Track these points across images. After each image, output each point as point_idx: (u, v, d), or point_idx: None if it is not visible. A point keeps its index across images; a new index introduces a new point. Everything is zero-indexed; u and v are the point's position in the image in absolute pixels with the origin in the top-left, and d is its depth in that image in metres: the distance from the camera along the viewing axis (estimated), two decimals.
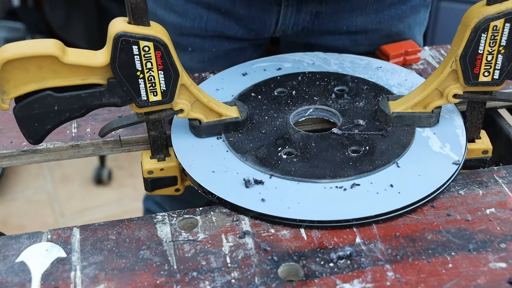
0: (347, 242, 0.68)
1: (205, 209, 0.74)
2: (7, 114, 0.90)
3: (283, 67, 0.97)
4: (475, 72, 0.75)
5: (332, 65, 0.97)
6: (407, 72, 0.95)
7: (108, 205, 2.24)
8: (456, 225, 0.70)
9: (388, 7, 1.02)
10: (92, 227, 0.72)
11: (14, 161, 0.84)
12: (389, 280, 0.64)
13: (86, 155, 0.86)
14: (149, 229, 0.71)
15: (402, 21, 1.04)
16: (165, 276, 0.65)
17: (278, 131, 0.82)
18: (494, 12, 0.71)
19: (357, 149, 0.79)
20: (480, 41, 0.73)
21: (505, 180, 0.77)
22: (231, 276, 0.65)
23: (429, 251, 0.67)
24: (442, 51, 1.04)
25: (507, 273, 0.64)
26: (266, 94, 0.90)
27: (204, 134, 0.82)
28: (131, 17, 0.69)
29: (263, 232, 0.70)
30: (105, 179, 2.32)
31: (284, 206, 0.71)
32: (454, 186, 0.76)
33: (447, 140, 0.80)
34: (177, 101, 0.76)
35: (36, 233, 0.71)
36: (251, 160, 0.78)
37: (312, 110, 0.88)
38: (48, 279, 0.65)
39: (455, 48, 0.75)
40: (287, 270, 0.66)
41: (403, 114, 0.81)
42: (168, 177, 0.83)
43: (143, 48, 0.69)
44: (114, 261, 0.67)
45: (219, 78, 0.95)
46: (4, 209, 2.22)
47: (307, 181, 0.74)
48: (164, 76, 0.73)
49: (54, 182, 2.35)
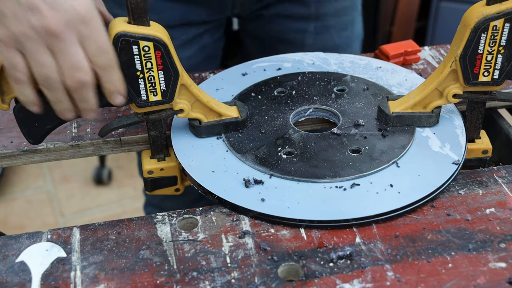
0: (347, 242, 0.69)
1: (205, 209, 0.74)
2: (7, 114, 0.90)
3: (283, 67, 0.97)
4: (475, 72, 0.75)
5: (332, 65, 0.97)
6: (407, 72, 0.95)
7: (108, 205, 2.24)
8: (456, 225, 0.70)
9: None
10: (92, 227, 0.72)
11: (14, 161, 0.84)
12: (389, 280, 0.64)
13: (86, 155, 0.86)
14: (149, 229, 0.71)
15: None
16: (165, 276, 0.65)
17: (278, 131, 0.83)
18: (494, 12, 0.71)
19: (357, 149, 0.79)
20: (480, 41, 0.73)
21: (505, 180, 0.77)
22: (231, 276, 0.65)
23: (429, 251, 0.67)
24: (442, 51, 1.04)
25: (507, 273, 0.64)
26: (266, 94, 0.90)
27: (204, 134, 0.82)
28: (131, 17, 0.69)
29: (263, 232, 0.70)
30: (105, 179, 2.32)
31: (284, 206, 0.71)
32: (454, 186, 0.76)
33: (447, 140, 0.80)
34: (177, 101, 0.76)
35: (36, 233, 0.71)
36: (251, 160, 0.78)
37: (312, 110, 0.88)
38: (48, 279, 0.65)
39: (455, 48, 0.75)
40: (287, 270, 0.66)
41: (403, 114, 0.81)
42: (168, 177, 0.83)
43: (143, 48, 0.69)
44: (114, 261, 0.67)
45: (219, 78, 0.95)
46: (4, 209, 2.22)
47: (307, 181, 0.75)
48: (164, 76, 0.73)
49: (54, 182, 2.35)
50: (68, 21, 0.61)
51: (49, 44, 0.62)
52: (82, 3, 0.62)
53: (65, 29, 0.61)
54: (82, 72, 0.64)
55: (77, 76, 0.64)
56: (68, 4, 0.61)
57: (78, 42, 0.63)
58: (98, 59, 0.64)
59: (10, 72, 0.65)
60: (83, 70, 0.64)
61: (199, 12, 1.08)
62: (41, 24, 0.61)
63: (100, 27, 0.64)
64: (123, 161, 2.42)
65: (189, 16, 1.08)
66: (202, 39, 1.12)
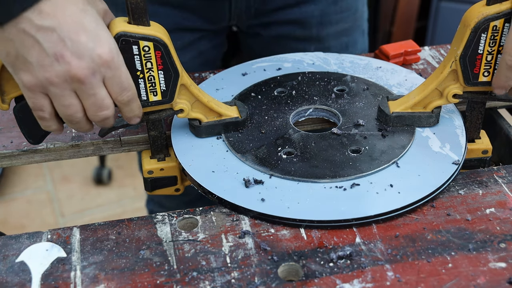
0: (347, 242, 0.69)
1: (205, 209, 0.74)
2: (7, 114, 0.90)
3: (283, 67, 0.97)
4: (475, 72, 0.75)
5: (332, 65, 0.97)
6: (407, 72, 0.95)
7: (108, 205, 2.24)
8: (456, 225, 0.70)
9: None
10: (92, 227, 0.72)
11: (14, 161, 0.84)
12: (389, 280, 0.64)
13: (86, 155, 0.86)
14: (149, 229, 0.71)
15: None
16: (165, 276, 0.65)
17: (278, 131, 0.82)
18: (494, 12, 0.71)
19: (357, 149, 0.79)
20: (480, 41, 0.73)
21: (505, 180, 0.77)
22: (231, 276, 0.65)
23: (429, 251, 0.67)
24: (442, 51, 1.04)
25: (507, 273, 0.64)
26: (266, 94, 0.90)
27: (204, 134, 0.82)
28: (131, 17, 0.69)
29: (263, 232, 0.70)
30: (105, 179, 2.32)
31: (284, 206, 0.71)
32: (454, 186, 0.76)
33: (447, 140, 0.80)
34: (177, 101, 0.76)
35: (36, 233, 0.71)
36: (251, 160, 0.78)
37: (312, 110, 0.88)
38: (48, 279, 0.65)
39: (455, 48, 0.75)
40: (287, 270, 0.66)
41: (403, 114, 0.81)
42: (168, 177, 0.83)
43: (143, 48, 0.69)
44: (114, 261, 0.67)
45: (219, 78, 0.95)
46: (4, 209, 2.22)
47: (307, 181, 0.75)
48: (164, 76, 0.73)
49: (54, 182, 2.35)
50: (93, 67, 0.63)
51: (74, 88, 0.64)
52: (105, 49, 0.63)
53: (90, 75, 0.63)
54: (106, 111, 0.67)
55: (101, 114, 0.67)
56: (92, 51, 0.62)
57: (102, 84, 0.65)
58: (121, 97, 0.67)
59: (35, 112, 0.67)
60: (107, 109, 0.67)
61: (194, 19, 1.07)
62: (67, 72, 0.62)
63: (122, 67, 0.66)
64: (123, 161, 2.42)
65: (184, 22, 1.07)
66: (199, 45, 1.11)
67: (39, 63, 0.62)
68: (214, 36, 1.13)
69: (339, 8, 1.11)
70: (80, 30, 0.62)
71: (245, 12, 1.08)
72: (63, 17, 0.61)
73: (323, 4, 1.09)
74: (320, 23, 1.11)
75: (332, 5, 1.10)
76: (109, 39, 0.64)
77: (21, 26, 0.60)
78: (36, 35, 0.61)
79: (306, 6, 1.09)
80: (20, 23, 0.60)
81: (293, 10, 1.09)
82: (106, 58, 0.63)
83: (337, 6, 1.10)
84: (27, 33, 0.61)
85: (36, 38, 0.61)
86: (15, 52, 0.62)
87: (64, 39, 0.61)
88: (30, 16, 0.60)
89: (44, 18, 0.60)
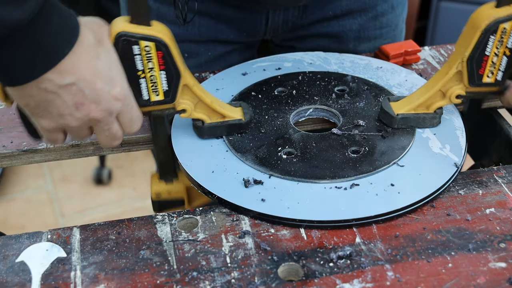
0: (347, 242, 0.69)
1: (205, 209, 0.74)
2: (8, 114, 0.90)
3: (283, 66, 0.97)
4: (479, 73, 0.75)
5: (332, 65, 0.97)
6: (407, 72, 0.95)
7: (108, 205, 2.24)
8: (456, 225, 0.70)
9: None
10: (92, 227, 0.72)
11: (14, 161, 0.84)
12: (389, 280, 0.64)
13: (86, 155, 0.86)
14: (149, 229, 0.71)
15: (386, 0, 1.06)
16: (165, 276, 0.65)
17: (278, 131, 0.82)
18: (504, 14, 0.71)
19: (357, 150, 0.79)
20: (488, 43, 0.73)
21: (505, 180, 0.77)
22: (231, 276, 0.65)
23: (428, 251, 0.67)
24: (442, 51, 1.04)
25: (506, 273, 0.64)
26: (266, 94, 0.90)
27: (206, 135, 0.81)
28: (132, 16, 0.69)
29: (263, 232, 0.70)
30: (105, 179, 2.32)
31: (284, 206, 0.71)
32: (454, 186, 0.76)
33: (447, 141, 0.80)
34: (179, 101, 0.76)
35: (36, 233, 0.71)
36: (251, 160, 0.78)
37: (312, 110, 0.88)
38: (48, 279, 0.65)
39: (461, 50, 0.75)
40: (287, 270, 0.66)
41: (408, 115, 0.81)
42: (175, 200, 0.83)
43: (144, 48, 0.69)
44: (114, 261, 0.67)
45: (219, 78, 0.95)
46: (4, 209, 2.22)
47: (307, 181, 0.74)
48: (166, 76, 0.73)
49: (54, 182, 2.35)
50: (109, 108, 0.67)
51: (90, 125, 0.69)
52: (119, 91, 0.67)
53: (108, 115, 0.67)
54: (118, 140, 0.72)
55: (113, 143, 0.72)
56: (108, 94, 0.66)
57: (116, 119, 0.69)
58: (130, 128, 0.72)
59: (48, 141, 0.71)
60: (119, 139, 0.72)
61: (228, 32, 1.04)
62: (86, 116, 0.66)
63: (133, 104, 0.71)
64: (123, 161, 2.42)
65: (218, 34, 1.04)
66: (229, 58, 1.08)
67: (59, 113, 0.65)
68: (246, 49, 1.10)
69: (379, 24, 1.08)
70: (96, 78, 0.64)
71: (282, 25, 1.05)
72: (79, 70, 0.63)
73: (363, 19, 1.06)
74: (358, 38, 1.08)
75: (372, 20, 1.07)
76: (120, 77, 0.68)
77: (43, 86, 0.62)
78: (57, 91, 0.63)
79: (345, 20, 1.06)
80: (42, 83, 0.62)
81: (330, 24, 1.06)
82: (120, 97, 0.67)
83: (377, 21, 1.07)
84: (48, 91, 0.63)
85: (57, 94, 0.63)
86: (35, 104, 0.64)
87: (83, 90, 0.64)
88: (51, 77, 0.62)
89: (64, 77, 0.62)
